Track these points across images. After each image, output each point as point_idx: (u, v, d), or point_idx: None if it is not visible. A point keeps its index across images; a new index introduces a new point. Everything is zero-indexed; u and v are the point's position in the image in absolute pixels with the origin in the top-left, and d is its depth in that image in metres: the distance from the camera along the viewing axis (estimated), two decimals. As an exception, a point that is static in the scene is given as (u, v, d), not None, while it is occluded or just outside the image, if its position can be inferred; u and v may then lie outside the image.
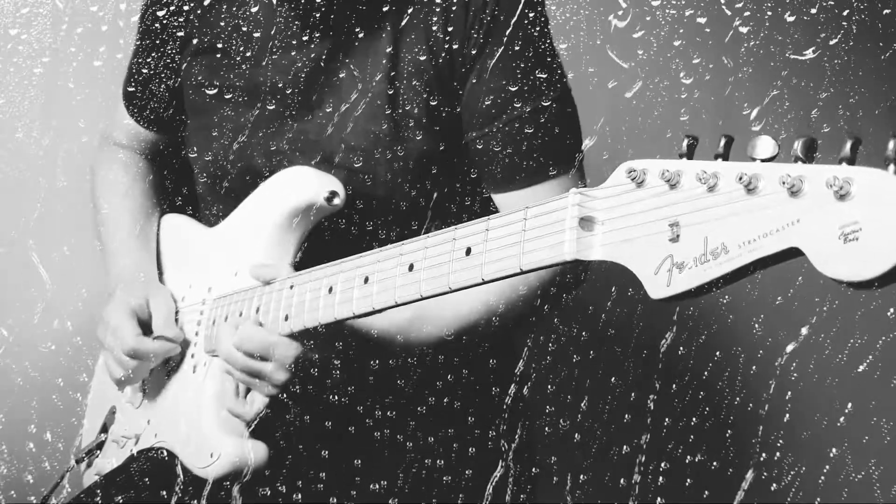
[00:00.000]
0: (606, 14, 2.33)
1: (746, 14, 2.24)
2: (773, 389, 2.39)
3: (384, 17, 1.60)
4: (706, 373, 2.38)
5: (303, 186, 1.57)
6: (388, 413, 1.64)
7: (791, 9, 2.36)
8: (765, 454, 2.38)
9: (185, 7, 1.75)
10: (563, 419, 2.19)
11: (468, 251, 1.19)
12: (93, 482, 1.71)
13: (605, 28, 2.30)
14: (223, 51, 1.71)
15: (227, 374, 1.56)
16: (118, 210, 1.88)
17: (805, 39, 2.43)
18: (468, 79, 1.57)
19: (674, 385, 2.23)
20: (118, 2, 2.08)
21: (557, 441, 2.20)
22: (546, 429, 2.19)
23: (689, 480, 2.04)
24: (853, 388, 2.48)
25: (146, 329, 1.71)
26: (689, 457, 2.12)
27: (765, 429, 2.44)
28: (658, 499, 1.54)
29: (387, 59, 1.59)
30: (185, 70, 1.76)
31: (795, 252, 0.89)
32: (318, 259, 1.58)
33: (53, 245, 2.32)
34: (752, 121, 2.47)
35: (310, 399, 1.55)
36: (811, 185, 0.88)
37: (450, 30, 1.57)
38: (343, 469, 1.62)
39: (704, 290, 0.96)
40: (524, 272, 1.12)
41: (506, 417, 1.70)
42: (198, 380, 1.63)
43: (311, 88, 1.64)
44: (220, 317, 1.61)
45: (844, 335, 2.30)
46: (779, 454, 2.46)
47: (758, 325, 2.51)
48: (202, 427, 1.56)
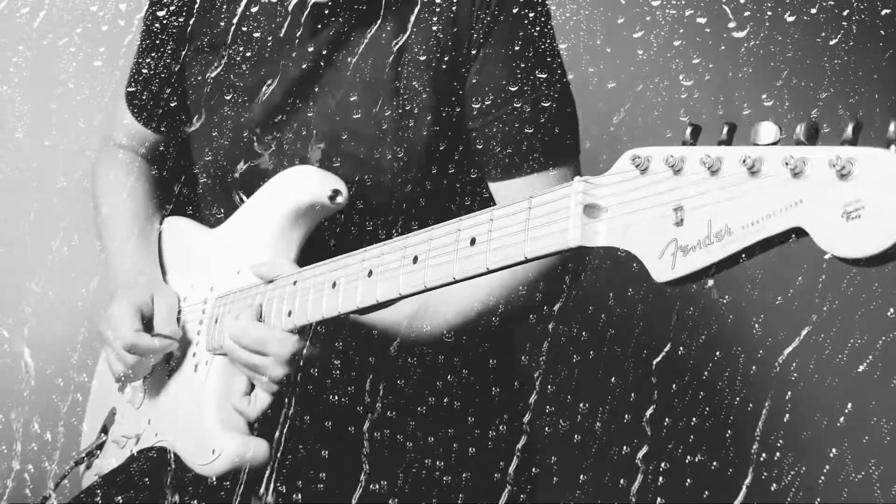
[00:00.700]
0: (606, 14, 2.33)
1: (746, 14, 2.24)
2: (774, 389, 2.39)
3: (390, 10, 1.60)
4: (706, 373, 2.38)
5: (305, 185, 1.57)
6: (388, 413, 1.64)
7: (791, 9, 2.36)
8: (765, 454, 2.38)
9: (189, 6, 1.75)
10: (563, 419, 2.19)
11: (473, 241, 1.19)
12: (93, 482, 1.71)
13: (606, 28, 2.30)
14: (226, 48, 1.71)
15: (230, 372, 1.56)
16: (119, 210, 1.87)
17: (805, 39, 2.43)
18: (473, 69, 1.58)
19: (674, 385, 2.23)
20: (118, 2, 2.08)
21: (557, 441, 2.20)
22: (546, 429, 2.19)
23: (689, 480, 2.04)
24: (853, 388, 2.48)
25: (148, 326, 1.71)
26: (689, 457, 2.12)
27: (765, 429, 2.44)
28: (658, 499, 1.54)
29: (393, 51, 1.59)
30: (188, 68, 1.76)
31: (799, 232, 0.89)
32: (322, 251, 1.58)
33: (53, 245, 2.32)
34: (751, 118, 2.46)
35: (310, 398, 1.55)
36: (814, 166, 0.88)
37: (455, 20, 1.58)
38: (343, 469, 1.62)
39: (709, 273, 0.96)
40: (528, 260, 1.12)
41: (506, 418, 1.71)
42: (199, 378, 1.63)
43: (319, 83, 1.64)
44: (223, 315, 1.61)
45: (844, 335, 2.30)
46: (779, 454, 2.46)
47: (758, 325, 2.51)
48: (203, 425, 1.56)
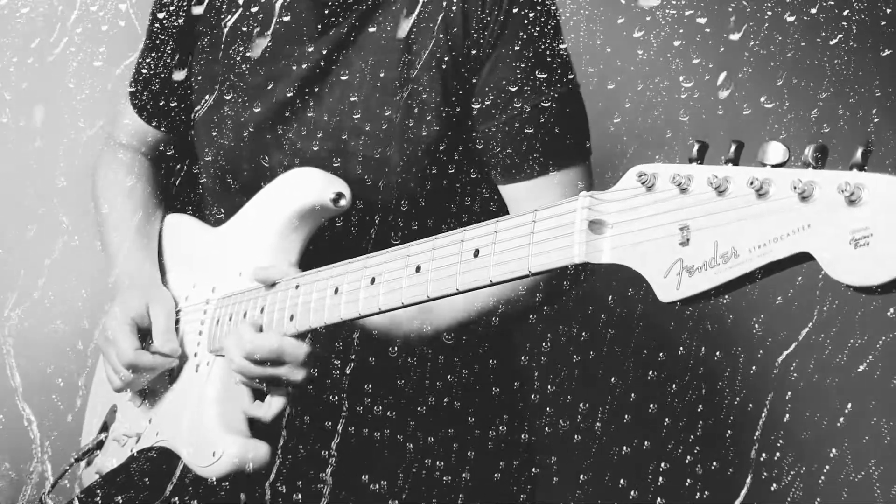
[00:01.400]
0: (606, 14, 2.33)
1: (746, 12, 2.24)
2: (774, 389, 2.39)
3: (398, 11, 1.60)
4: (706, 373, 2.38)
5: (309, 187, 1.56)
6: (389, 413, 1.64)
7: (791, 9, 2.36)
8: (765, 454, 2.38)
9: (194, 4, 1.75)
10: (563, 419, 2.19)
11: (476, 253, 1.19)
12: (93, 482, 1.71)
13: (606, 28, 2.30)
14: (231, 46, 1.70)
15: (232, 374, 1.56)
16: (119, 210, 1.87)
17: (805, 39, 2.43)
18: (481, 69, 1.58)
19: (674, 385, 2.23)
20: (118, 2, 2.08)
21: (557, 441, 2.20)
22: (546, 429, 2.19)
23: (689, 480, 2.04)
24: (853, 388, 2.48)
25: (146, 335, 1.71)
26: (689, 457, 2.12)
27: (765, 429, 2.44)
28: (658, 499, 1.54)
29: (400, 49, 1.59)
30: (195, 64, 1.76)
31: (806, 257, 0.88)
32: (326, 250, 1.58)
33: (53, 245, 2.32)
34: (751, 118, 2.47)
35: (311, 399, 1.55)
36: (822, 191, 0.87)
37: (464, 20, 1.57)
38: (343, 469, 1.62)
39: (714, 295, 0.96)
40: (532, 275, 1.12)
41: (506, 418, 1.71)
42: (200, 379, 1.63)
43: (324, 81, 1.64)
44: (225, 317, 1.60)
45: (844, 335, 2.30)
46: (779, 454, 2.46)
47: (758, 325, 2.50)
48: (204, 426, 1.56)
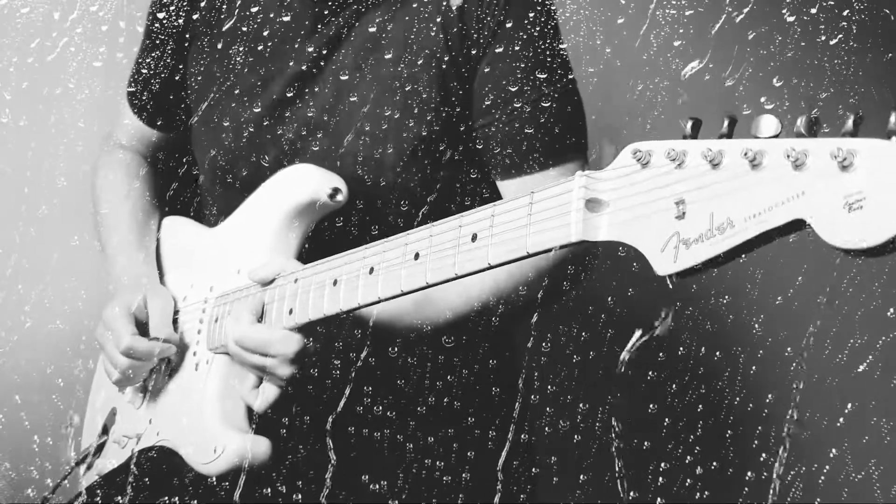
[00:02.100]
0: (606, 14, 2.33)
1: (745, 11, 2.24)
2: (773, 389, 2.39)
3: (397, 9, 1.60)
4: (706, 373, 2.38)
5: (305, 184, 1.57)
6: (389, 413, 1.64)
7: (791, 9, 2.36)
8: (764, 454, 2.38)
9: (191, 4, 1.75)
10: (563, 419, 2.19)
11: (474, 237, 1.19)
12: (93, 482, 1.71)
13: (606, 28, 2.30)
14: (233, 44, 1.70)
15: (231, 372, 1.56)
16: (118, 211, 1.87)
17: (805, 39, 2.43)
18: (481, 68, 1.58)
19: (674, 385, 2.23)
20: (118, 2, 2.08)
21: (557, 441, 2.20)
22: (546, 429, 2.19)
23: (689, 480, 2.05)
24: (853, 388, 2.48)
25: (143, 330, 1.71)
26: (689, 457, 2.12)
27: (764, 429, 2.44)
28: (658, 499, 1.54)
29: (398, 45, 1.59)
30: (194, 63, 1.76)
31: (801, 224, 0.89)
32: (323, 247, 1.58)
33: (53, 245, 2.32)
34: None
35: (310, 397, 1.55)
36: (815, 158, 0.89)
37: (463, 19, 1.58)
38: (343, 469, 1.62)
39: (711, 265, 0.96)
40: (531, 255, 1.12)
41: (506, 417, 1.71)
42: (200, 377, 1.63)
43: (322, 80, 1.64)
44: (224, 315, 1.61)
45: (844, 335, 2.30)
46: (779, 454, 2.46)
47: (758, 325, 2.50)
48: (205, 423, 1.56)
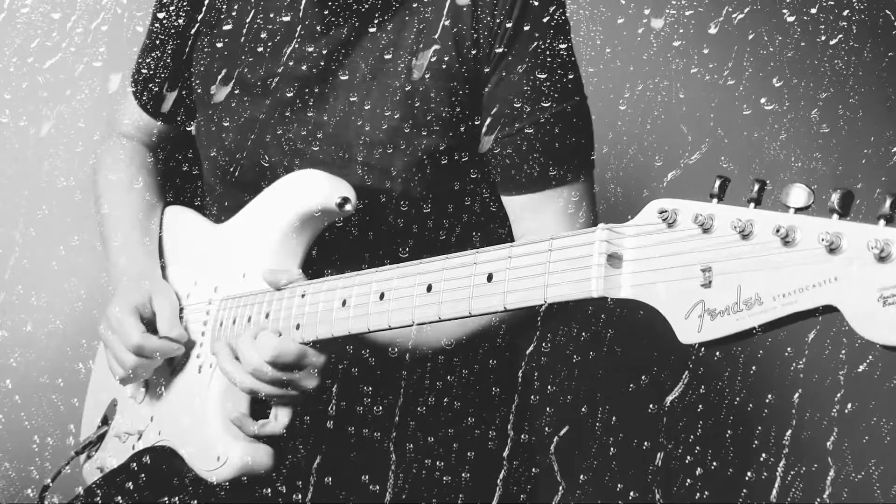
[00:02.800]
0: (606, 14, 2.33)
1: (746, 11, 2.24)
2: (773, 389, 2.39)
3: (405, 15, 1.59)
4: (707, 373, 2.38)
5: (315, 191, 1.55)
6: (389, 413, 1.64)
7: (791, 9, 2.36)
8: (764, 454, 2.38)
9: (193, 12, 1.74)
10: (563, 419, 2.19)
11: (490, 277, 1.18)
12: (94, 482, 1.71)
13: (606, 28, 2.30)
14: (236, 42, 1.70)
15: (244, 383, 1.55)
16: (121, 206, 1.86)
17: (805, 39, 2.43)
18: (489, 80, 1.57)
19: (673, 385, 2.23)
20: (119, 2, 2.08)
21: (557, 441, 2.20)
22: (546, 429, 2.19)
23: (689, 480, 2.05)
24: (853, 388, 2.48)
25: (149, 327, 1.70)
26: (689, 457, 2.12)
27: (764, 428, 2.44)
28: (658, 499, 1.54)
29: (405, 58, 1.58)
30: (196, 61, 1.75)
31: (831, 309, 0.88)
32: (327, 254, 1.58)
33: (53, 245, 2.32)
34: (750, 118, 2.47)
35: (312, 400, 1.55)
36: (850, 244, 0.86)
37: (475, 29, 1.57)
38: (343, 469, 1.62)
39: (735, 339, 0.94)
40: (548, 304, 1.11)
41: (506, 417, 1.71)
42: (203, 380, 1.62)
43: (326, 83, 1.64)
44: (228, 319, 1.60)
45: (844, 335, 2.30)
46: (778, 454, 2.46)
47: (758, 325, 2.50)
48: (208, 430, 1.56)
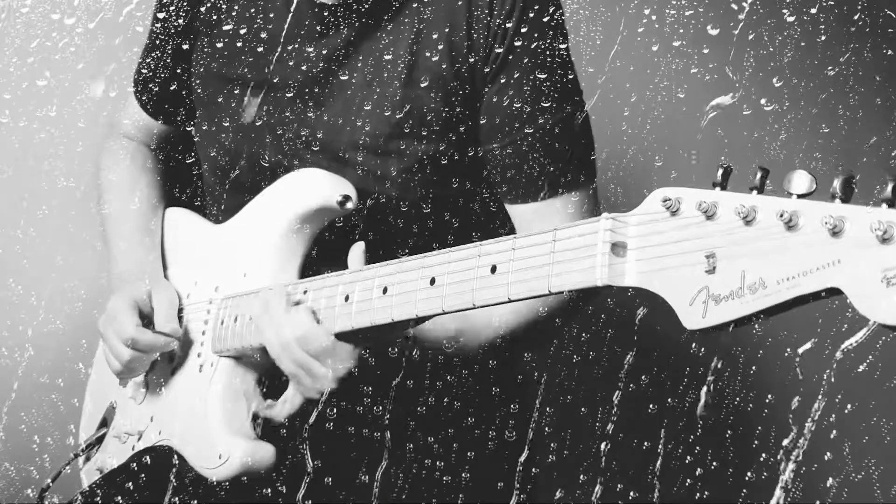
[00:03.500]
0: (606, 14, 2.33)
1: (745, 11, 2.24)
2: (774, 389, 2.39)
3: (403, 18, 1.59)
4: (706, 373, 2.38)
5: (315, 189, 1.55)
6: (389, 413, 1.64)
7: (791, 9, 2.36)
8: (764, 454, 2.38)
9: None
10: (563, 419, 2.19)
11: (494, 269, 1.18)
12: (94, 482, 1.71)
13: (606, 28, 2.30)
14: (234, 44, 1.70)
15: (236, 374, 1.55)
16: (121, 208, 1.86)
17: (805, 39, 2.43)
18: (488, 88, 1.57)
19: (673, 384, 2.23)
20: (119, 2, 2.08)
21: (557, 441, 2.20)
22: (546, 428, 2.19)
23: (689, 480, 2.05)
24: (853, 388, 2.48)
25: (147, 323, 1.70)
26: (689, 457, 2.12)
27: (764, 429, 2.44)
28: (657, 499, 1.54)
29: (404, 60, 1.58)
30: (195, 62, 1.76)
31: (834, 291, 0.88)
32: (323, 257, 1.58)
33: (54, 246, 2.32)
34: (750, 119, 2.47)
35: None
36: (853, 227, 0.87)
37: (472, 37, 1.56)
38: (343, 469, 1.62)
39: (740, 323, 0.95)
40: (553, 294, 1.11)
41: (506, 416, 1.71)
42: (204, 380, 1.62)
43: (325, 84, 1.63)
44: (230, 318, 1.60)
45: (844, 335, 2.30)
46: (779, 454, 2.46)
47: (758, 325, 2.50)
48: (209, 428, 1.56)
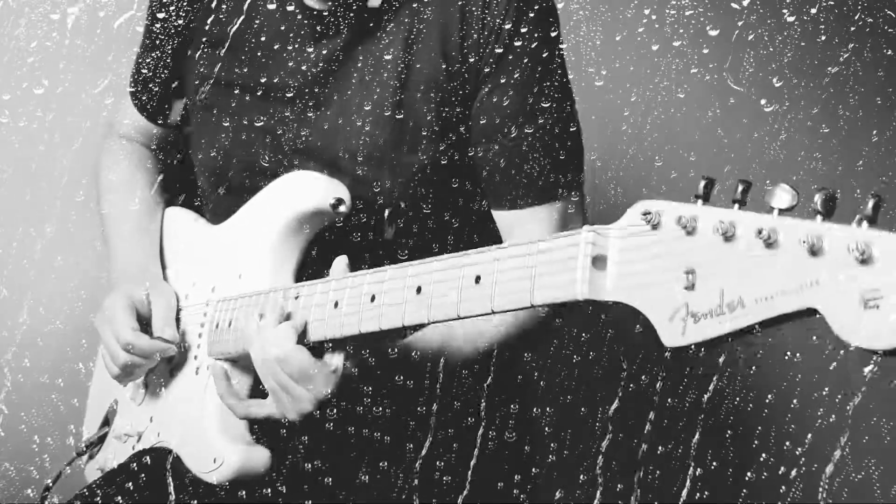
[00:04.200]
0: (606, 14, 2.33)
1: (745, 11, 2.24)
2: (773, 389, 2.39)
3: (398, 23, 1.59)
4: (706, 373, 2.38)
5: (309, 192, 1.55)
6: (389, 413, 1.64)
7: (791, 9, 2.37)
8: (764, 454, 2.38)
9: (194, 3, 1.74)
10: (563, 419, 2.19)
11: (478, 279, 1.17)
12: (94, 482, 1.71)
13: (606, 28, 2.30)
14: (230, 48, 1.70)
15: (232, 377, 1.55)
16: (120, 209, 1.87)
17: (805, 39, 2.43)
18: (479, 93, 1.57)
19: (673, 384, 2.23)
20: (119, 2, 2.09)
21: (557, 441, 2.20)
22: (546, 429, 2.19)
23: (689, 481, 2.05)
24: (853, 389, 2.48)
25: (145, 325, 1.70)
26: (689, 458, 2.12)
27: (764, 429, 2.44)
28: (656, 500, 1.54)
29: (398, 66, 1.58)
30: (191, 66, 1.76)
31: (813, 312, 0.87)
32: (317, 263, 1.58)
33: (54, 246, 2.32)
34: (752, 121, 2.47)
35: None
36: (832, 246, 0.86)
37: (466, 43, 1.56)
38: (343, 469, 1.62)
39: (718, 342, 0.94)
40: (535, 307, 1.11)
41: (506, 416, 1.71)
42: (200, 383, 1.62)
43: (319, 91, 1.63)
44: (224, 321, 1.59)
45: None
46: (779, 454, 2.46)
47: (757, 325, 2.50)
48: (205, 432, 1.56)
